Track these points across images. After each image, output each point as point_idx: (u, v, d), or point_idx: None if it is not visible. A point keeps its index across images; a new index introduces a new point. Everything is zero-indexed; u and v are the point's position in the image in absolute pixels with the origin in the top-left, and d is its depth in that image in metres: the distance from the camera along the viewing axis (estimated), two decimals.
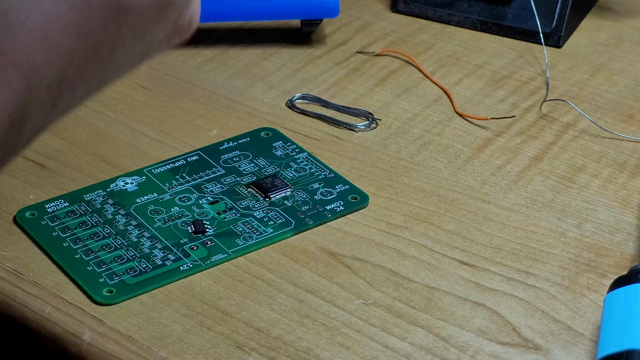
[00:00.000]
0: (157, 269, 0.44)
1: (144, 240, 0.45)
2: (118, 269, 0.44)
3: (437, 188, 0.49)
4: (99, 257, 0.44)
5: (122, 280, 0.43)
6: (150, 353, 0.40)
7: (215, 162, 0.50)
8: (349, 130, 0.53)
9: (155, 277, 0.43)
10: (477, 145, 0.52)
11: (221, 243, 0.45)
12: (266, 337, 0.41)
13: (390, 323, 0.41)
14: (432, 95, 0.56)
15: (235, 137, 0.52)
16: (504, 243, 0.46)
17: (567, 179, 0.50)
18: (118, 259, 0.44)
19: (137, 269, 0.44)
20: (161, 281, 0.43)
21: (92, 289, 0.42)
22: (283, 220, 0.47)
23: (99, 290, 0.42)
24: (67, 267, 0.44)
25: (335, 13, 0.59)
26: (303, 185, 0.49)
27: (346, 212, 0.47)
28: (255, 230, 0.46)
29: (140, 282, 0.43)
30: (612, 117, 0.54)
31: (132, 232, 0.46)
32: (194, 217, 0.47)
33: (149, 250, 0.45)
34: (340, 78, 0.58)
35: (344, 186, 0.49)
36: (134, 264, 0.44)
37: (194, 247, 0.45)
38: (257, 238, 0.46)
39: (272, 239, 0.46)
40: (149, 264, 0.44)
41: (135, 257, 0.44)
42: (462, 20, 0.63)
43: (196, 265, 0.44)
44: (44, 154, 0.51)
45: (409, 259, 0.45)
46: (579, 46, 0.61)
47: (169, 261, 0.44)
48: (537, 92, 0.57)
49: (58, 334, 0.41)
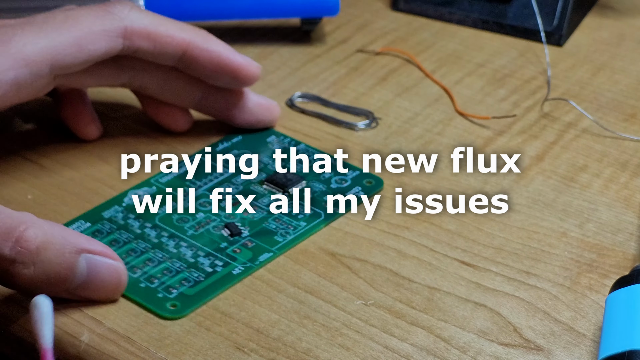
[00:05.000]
0: (211, 277, 0.43)
1: (183, 249, 0.44)
2: (172, 282, 0.43)
3: (438, 188, 0.49)
4: (147, 273, 0.43)
5: (182, 292, 0.42)
6: (148, 354, 0.40)
7: (217, 163, 0.50)
8: (349, 130, 0.53)
9: (213, 284, 0.43)
10: (478, 144, 0.52)
11: (261, 242, 0.45)
12: (266, 338, 0.40)
13: (391, 324, 0.41)
14: (433, 94, 0.56)
15: (227, 137, 0.52)
16: (505, 243, 0.45)
17: (569, 179, 0.50)
18: (166, 271, 0.43)
19: (191, 279, 0.43)
20: (220, 288, 0.42)
21: (155, 305, 0.41)
22: (311, 213, 0.47)
23: (163, 306, 0.41)
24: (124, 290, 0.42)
25: (335, 11, 0.59)
26: (315, 176, 0.49)
27: (368, 197, 0.48)
28: (289, 226, 0.46)
29: (200, 291, 0.42)
30: (614, 116, 0.54)
31: (168, 244, 0.45)
32: (222, 220, 0.46)
33: (193, 260, 0.44)
34: (340, 77, 0.58)
35: (354, 172, 0.49)
36: (185, 275, 0.43)
37: (236, 250, 0.44)
38: (294, 233, 0.45)
39: (308, 232, 0.46)
40: (200, 273, 0.43)
41: (183, 268, 0.43)
42: (462, 19, 0.63)
43: (247, 267, 0.43)
44: (42, 154, 0.51)
45: (409, 259, 0.45)
46: (580, 45, 0.61)
47: (218, 267, 0.43)
48: (539, 91, 0.56)
49: (56, 335, 0.41)
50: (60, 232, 0.40)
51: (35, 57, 0.45)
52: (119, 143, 0.52)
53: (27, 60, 0.45)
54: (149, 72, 0.50)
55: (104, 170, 0.50)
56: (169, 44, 0.48)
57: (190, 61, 0.49)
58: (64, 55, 0.46)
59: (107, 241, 0.45)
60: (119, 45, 0.47)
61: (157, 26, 0.48)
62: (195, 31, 0.49)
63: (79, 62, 0.47)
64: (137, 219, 0.46)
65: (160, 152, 0.51)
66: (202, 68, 0.49)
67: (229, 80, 0.50)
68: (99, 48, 0.47)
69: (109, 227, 0.45)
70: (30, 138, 0.52)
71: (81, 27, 0.47)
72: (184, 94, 0.51)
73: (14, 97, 0.45)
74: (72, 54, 0.46)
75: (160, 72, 0.50)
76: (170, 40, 0.48)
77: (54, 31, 0.46)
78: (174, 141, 0.52)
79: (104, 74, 0.49)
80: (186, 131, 0.52)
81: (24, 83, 0.45)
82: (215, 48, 0.49)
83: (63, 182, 0.49)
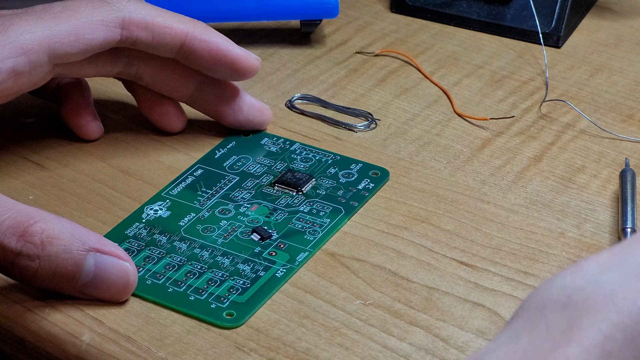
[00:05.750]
0: (257, 282, 0.43)
1: (219, 258, 0.44)
2: (220, 292, 0.42)
3: (437, 188, 0.49)
4: (192, 286, 0.43)
5: (233, 301, 0.42)
6: (149, 354, 0.40)
7: (221, 170, 0.49)
8: (349, 131, 0.53)
9: (261, 289, 0.42)
10: (476, 145, 0.52)
11: (294, 243, 0.45)
12: (265, 338, 0.41)
13: (390, 323, 0.41)
14: (432, 95, 0.56)
15: (221, 143, 0.51)
16: (504, 243, 0.46)
17: (567, 179, 0.50)
18: (211, 282, 0.43)
19: (238, 287, 0.43)
20: (269, 292, 0.42)
21: (212, 316, 0.41)
22: (331, 209, 0.47)
23: (220, 316, 0.41)
24: (173, 304, 0.42)
25: (335, 13, 0.59)
26: (321, 173, 0.49)
27: (378, 188, 0.48)
28: (314, 224, 0.46)
29: (251, 297, 0.42)
30: (612, 117, 0.54)
31: (202, 254, 0.44)
32: (247, 225, 0.46)
33: (233, 267, 0.44)
34: (340, 78, 0.58)
35: (358, 165, 0.50)
36: (231, 283, 0.43)
37: (272, 253, 0.44)
38: (322, 230, 0.46)
39: (335, 228, 0.46)
40: (245, 280, 0.43)
41: (226, 277, 0.43)
42: (461, 21, 0.63)
43: (289, 269, 0.44)
44: (43, 154, 0.51)
45: (408, 259, 0.45)
46: (578, 46, 0.61)
47: (261, 272, 0.43)
48: (537, 92, 0.57)
49: (57, 335, 0.41)
50: (69, 229, 0.40)
51: (33, 46, 0.46)
52: (119, 143, 0.52)
53: (24, 48, 0.45)
54: (145, 60, 0.50)
55: (104, 171, 0.50)
56: (167, 35, 0.48)
57: (188, 52, 0.49)
58: (62, 44, 0.46)
59: (141, 259, 0.44)
60: (117, 36, 0.48)
61: (155, 17, 0.48)
62: (193, 22, 0.49)
63: (77, 51, 0.47)
64: (162, 234, 0.45)
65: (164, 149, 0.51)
66: (200, 59, 0.49)
67: (228, 72, 0.50)
68: (96, 38, 0.47)
69: (137, 244, 0.45)
70: (31, 138, 0.52)
71: (79, 17, 0.47)
72: (179, 85, 0.51)
73: (14, 86, 0.46)
74: (70, 43, 0.46)
75: (157, 62, 0.50)
76: (169, 31, 0.48)
77: (51, 20, 0.46)
78: (174, 142, 0.52)
79: (102, 62, 0.49)
80: (192, 129, 0.52)
81: (22, 71, 0.46)
82: (214, 39, 0.49)
83: (64, 182, 0.49)
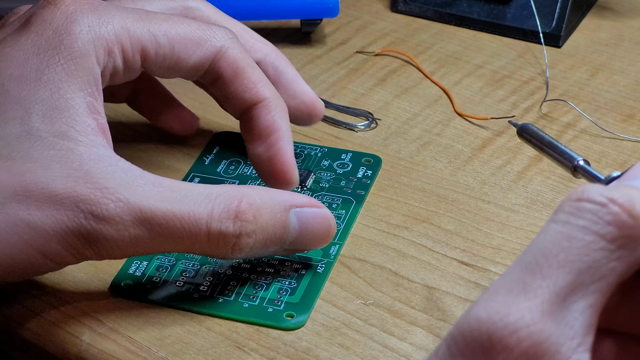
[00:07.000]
0: (302, 280, 0.43)
1: (254, 261, 0.44)
2: (271, 296, 0.42)
3: (437, 188, 0.49)
4: (240, 293, 0.42)
5: (287, 302, 0.42)
6: (149, 353, 0.40)
7: (217, 176, 0.49)
8: (349, 130, 0.53)
9: (310, 287, 0.42)
10: (477, 145, 0.52)
11: None
12: (266, 337, 0.41)
13: (390, 323, 0.41)
14: (432, 95, 0.56)
15: (205, 150, 0.51)
16: (504, 243, 0.46)
17: (567, 179, 0.50)
18: (257, 287, 0.42)
19: (285, 287, 0.42)
20: (318, 288, 0.42)
21: (273, 320, 0.41)
22: (341, 200, 0.47)
23: (281, 319, 0.41)
24: (232, 315, 0.41)
25: (335, 13, 0.59)
26: (316, 166, 0.49)
27: (376, 174, 0.49)
28: None
29: (304, 296, 0.42)
30: (612, 117, 0.54)
31: (236, 260, 0.44)
32: None
33: (272, 269, 0.43)
34: (340, 78, 0.58)
35: (348, 154, 0.50)
36: (278, 286, 0.42)
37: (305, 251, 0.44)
38: (342, 222, 0.46)
39: (352, 218, 0.46)
40: (290, 280, 0.43)
41: (270, 279, 0.43)
42: (461, 20, 0.63)
43: (327, 263, 0.44)
44: None
45: (408, 259, 0.45)
46: (578, 46, 0.61)
47: (302, 270, 0.43)
48: (537, 92, 0.57)
49: (57, 334, 0.41)
50: (267, 195, 0.40)
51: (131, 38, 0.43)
52: (119, 143, 0.52)
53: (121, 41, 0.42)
54: None
55: None
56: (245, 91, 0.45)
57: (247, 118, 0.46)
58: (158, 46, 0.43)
59: (177, 273, 0.43)
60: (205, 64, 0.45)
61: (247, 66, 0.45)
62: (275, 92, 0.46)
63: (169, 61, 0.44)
64: None
65: (163, 148, 0.51)
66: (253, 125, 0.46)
67: None
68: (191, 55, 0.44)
69: (166, 258, 0.44)
70: None
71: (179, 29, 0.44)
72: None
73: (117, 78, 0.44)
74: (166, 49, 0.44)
75: None
76: (252, 87, 0.45)
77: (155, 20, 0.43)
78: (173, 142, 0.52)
79: None
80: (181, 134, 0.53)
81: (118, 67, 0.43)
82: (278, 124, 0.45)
83: None
